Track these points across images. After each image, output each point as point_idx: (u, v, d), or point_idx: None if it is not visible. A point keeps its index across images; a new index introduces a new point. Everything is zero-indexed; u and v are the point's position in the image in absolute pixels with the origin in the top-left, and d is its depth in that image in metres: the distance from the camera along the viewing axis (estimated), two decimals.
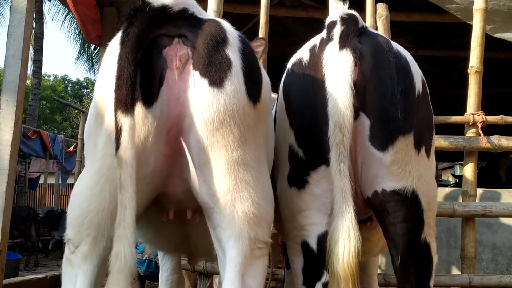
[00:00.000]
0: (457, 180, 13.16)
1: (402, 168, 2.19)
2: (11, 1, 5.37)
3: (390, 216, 2.23)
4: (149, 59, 1.90)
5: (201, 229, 2.23)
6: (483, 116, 4.16)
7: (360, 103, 2.17)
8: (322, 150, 2.20)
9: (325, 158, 2.19)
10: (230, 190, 1.95)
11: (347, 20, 2.21)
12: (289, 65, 2.43)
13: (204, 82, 1.89)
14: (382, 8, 4.51)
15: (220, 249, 2.02)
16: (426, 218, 2.26)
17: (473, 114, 4.21)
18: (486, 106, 4.42)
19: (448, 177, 22.23)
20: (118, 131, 1.79)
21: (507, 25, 5.44)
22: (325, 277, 2.22)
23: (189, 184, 2.02)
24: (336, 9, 2.29)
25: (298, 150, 2.30)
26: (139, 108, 1.87)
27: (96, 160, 1.98)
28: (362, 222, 2.47)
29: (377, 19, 4.56)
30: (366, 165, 2.22)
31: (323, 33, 2.31)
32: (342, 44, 2.14)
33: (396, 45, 2.32)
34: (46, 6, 21.36)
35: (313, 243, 2.27)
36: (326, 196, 2.25)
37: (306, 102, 2.26)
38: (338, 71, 2.11)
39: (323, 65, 2.20)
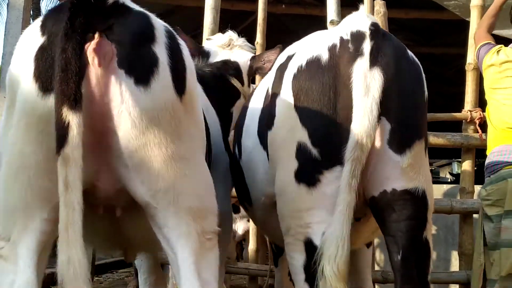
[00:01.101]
0: (454, 178, 13.16)
1: (416, 170, 2.27)
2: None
3: (394, 214, 2.27)
4: (71, 54, 1.74)
5: (132, 224, 2.19)
6: (481, 112, 4.17)
7: (383, 107, 2.20)
8: (339, 152, 2.22)
9: (341, 159, 2.22)
10: (171, 187, 1.91)
11: (375, 34, 2.22)
12: (301, 61, 2.38)
13: (130, 80, 1.81)
14: (380, 5, 4.51)
15: (170, 248, 1.98)
16: (428, 216, 2.34)
17: (470, 111, 4.23)
18: (485, 103, 4.43)
19: (445, 174, 22.24)
20: (64, 128, 1.68)
21: (505, 22, 5.43)
22: None
23: (122, 184, 1.94)
24: (360, 15, 2.32)
25: (311, 148, 2.29)
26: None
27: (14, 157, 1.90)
28: (357, 220, 2.49)
29: (375, 16, 4.55)
30: (380, 166, 2.26)
31: (343, 33, 2.30)
32: (373, 62, 2.18)
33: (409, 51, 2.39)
34: (43, 3, 21.29)
35: (317, 241, 2.27)
36: (334, 195, 2.26)
37: (325, 103, 2.25)
38: (369, 91, 2.15)
39: (350, 76, 2.20)
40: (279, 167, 2.45)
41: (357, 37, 2.25)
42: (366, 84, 2.15)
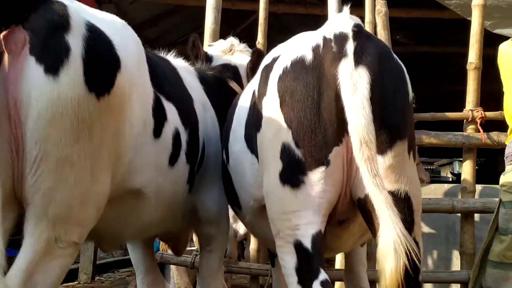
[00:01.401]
0: (455, 178, 13.18)
1: (398, 171, 2.24)
2: None
3: None
4: None
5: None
6: (482, 112, 4.18)
7: None
8: (323, 152, 2.22)
9: (325, 159, 2.22)
10: (46, 190, 1.85)
11: (358, 35, 2.22)
12: (286, 62, 2.38)
13: (39, 68, 1.78)
14: (381, 4, 4.51)
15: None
16: (416, 218, 2.32)
17: (472, 110, 4.23)
18: (487, 102, 4.44)
19: (446, 173, 22.26)
20: None
21: (507, 21, 5.44)
22: (322, 276, 2.22)
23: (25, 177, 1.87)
24: (343, 16, 2.31)
25: (295, 149, 2.28)
26: None
27: None
28: (340, 223, 2.50)
29: (376, 16, 4.56)
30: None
31: (326, 33, 2.29)
32: (358, 61, 2.17)
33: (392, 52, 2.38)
34: None
35: (307, 243, 2.26)
36: (322, 197, 2.26)
37: (309, 103, 2.25)
38: (357, 88, 2.13)
39: (335, 76, 2.19)
40: (266, 169, 2.45)
41: (340, 38, 2.24)
42: (353, 83, 2.14)
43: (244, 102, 2.90)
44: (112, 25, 2.10)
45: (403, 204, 2.25)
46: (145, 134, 2.38)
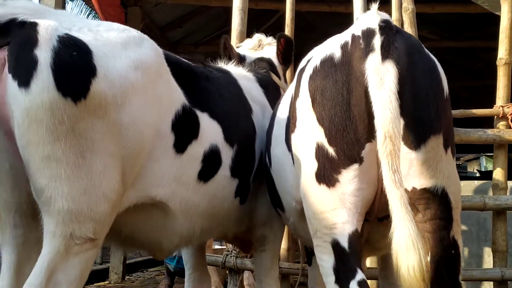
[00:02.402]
0: (481, 175, 13.01)
1: (433, 166, 2.22)
2: (38, 2, 5.45)
3: (419, 214, 2.24)
4: None
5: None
6: None
7: None
8: (356, 149, 2.22)
9: (358, 157, 2.22)
10: (46, 187, 2.00)
11: (385, 29, 2.22)
12: (316, 61, 2.40)
13: (14, 83, 1.95)
14: (407, 1, 4.48)
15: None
16: (454, 215, 2.29)
17: (502, 106, 4.17)
18: None
19: (473, 169, 21.98)
20: None
21: None
22: (359, 275, 2.23)
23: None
24: (371, 13, 2.31)
25: (328, 148, 2.30)
26: None
27: None
28: (380, 220, 2.49)
29: (402, 13, 4.52)
30: None
31: (355, 31, 2.30)
32: (385, 56, 2.16)
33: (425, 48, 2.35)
34: (68, 6, 21.61)
35: (344, 242, 2.26)
36: (357, 195, 2.26)
37: (339, 101, 2.26)
38: (384, 83, 2.12)
39: (363, 72, 2.19)
40: (302, 169, 2.46)
41: (368, 34, 2.24)
42: (380, 77, 2.13)
43: (284, 105, 2.92)
44: (103, 37, 2.20)
45: (439, 200, 2.23)
46: (161, 145, 2.44)
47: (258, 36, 4.23)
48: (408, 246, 2.01)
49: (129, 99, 2.19)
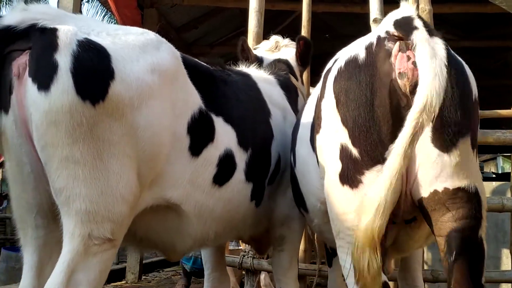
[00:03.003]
0: (496, 176, 12.92)
1: (465, 167, 2.23)
2: (57, 6, 5.52)
3: (449, 213, 2.24)
4: (3, 73, 2.07)
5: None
6: None
7: None
8: (379, 150, 2.22)
9: (381, 158, 2.20)
10: (64, 187, 2.04)
11: (422, 19, 2.23)
12: (341, 63, 2.41)
13: (34, 86, 2.00)
14: (424, 2, 4.46)
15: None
16: (484, 214, 2.29)
17: None
18: None
19: (490, 169, 21.79)
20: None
21: None
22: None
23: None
24: (405, 7, 2.32)
25: (352, 149, 2.30)
26: (0, 117, 2.11)
27: None
28: (408, 222, 2.48)
29: (419, 14, 4.51)
30: (426, 165, 2.23)
31: (380, 32, 2.30)
32: (430, 33, 2.14)
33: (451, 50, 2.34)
34: (84, 7, 21.80)
35: None
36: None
37: (363, 102, 2.25)
38: (437, 53, 2.09)
39: (388, 73, 2.19)
40: (326, 170, 2.47)
41: (404, 21, 2.22)
42: (432, 47, 2.09)
43: (309, 107, 2.94)
44: (121, 40, 2.25)
45: (475, 199, 2.24)
46: (176, 148, 2.47)
47: (275, 38, 4.26)
48: (373, 208, 2.06)
49: (146, 101, 2.22)
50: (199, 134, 2.60)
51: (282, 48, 4.18)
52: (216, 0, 8.41)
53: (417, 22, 2.19)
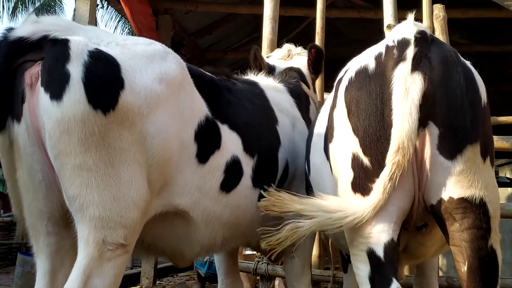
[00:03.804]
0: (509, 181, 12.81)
1: (470, 176, 2.22)
2: (73, 13, 5.59)
3: (456, 223, 2.24)
4: (15, 82, 2.13)
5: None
6: None
7: (429, 111, 2.20)
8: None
9: None
10: (78, 195, 2.09)
11: (420, 41, 2.25)
12: (352, 72, 2.44)
13: (46, 96, 2.05)
14: (439, 9, 4.46)
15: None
16: (492, 224, 2.28)
17: None
18: None
19: (505, 173, 21.59)
20: (9, 138, 2.19)
21: None
22: (394, 285, 2.24)
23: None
24: (407, 23, 2.34)
25: (363, 158, 2.32)
26: (13, 125, 2.16)
27: None
28: (419, 228, 2.49)
29: (434, 20, 4.51)
30: (433, 173, 2.24)
31: (389, 41, 2.33)
32: (415, 67, 2.19)
33: (461, 57, 2.35)
34: (99, 13, 21.96)
35: (379, 251, 2.28)
36: (393, 204, 2.27)
37: (374, 111, 2.28)
38: (408, 93, 2.16)
39: (391, 80, 2.23)
40: (339, 179, 2.49)
41: (402, 44, 2.27)
42: (405, 87, 2.16)
43: (323, 115, 2.96)
44: (130, 50, 2.31)
45: (478, 210, 2.23)
46: (184, 155, 2.52)
47: (287, 46, 4.28)
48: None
49: (154, 110, 2.28)
50: (206, 141, 2.65)
51: (295, 57, 4.21)
52: (229, 6, 8.45)
53: (409, 52, 2.23)
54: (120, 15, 16.89)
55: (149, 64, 2.34)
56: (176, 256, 2.90)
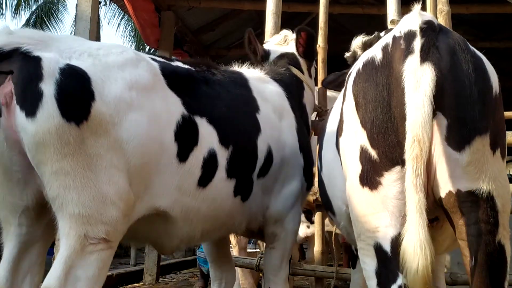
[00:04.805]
0: None
1: (478, 168, 2.17)
2: (76, 10, 5.58)
3: (464, 217, 2.20)
4: None
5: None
6: None
7: (437, 102, 2.14)
8: (397, 151, 2.21)
9: (400, 159, 2.20)
10: (57, 196, 2.23)
11: (427, 31, 2.21)
12: (359, 64, 2.41)
13: (22, 113, 2.18)
14: (442, 3, 4.43)
15: None
16: (501, 219, 2.23)
17: None
18: None
19: (509, 171, 21.51)
20: None
21: None
22: (400, 280, 2.21)
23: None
24: (413, 14, 2.30)
25: (371, 150, 2.29)
26: None
27: None
28: (430, 222, 2.46)
29: (437, 15, 4.48)
30: (441, 165, 2.20)
31: (396, 32, 2.31)
32: (424, 58, 2.15)
33: (471, 46, 2.30)
34: (102, 11, 21.97)
35: (386, 246, 2.26)
36: (400, 198, 2.23)
37: (380, 103, 2.25)
38: (419, 86, 2.12)
39: (402, 73, 2.19)
40: (347, 172, 2.47)
41: (409, 35, 2.23)
42: (416, 80, 2.12)
43: (335, 112, 2.94)
44: (101, 62, 2.41)
45: (485, 204, 2.18)
46: (165, 157, 2.58)
47: (284, 32, 4.30)
48: (415, 251, 2.05)
49: (126, 116, 2.39)
50: (185, 140, 2.70)
51: (291, 42, 4.19)
52: (232, 2, 8.43)
53: (416, 43, 2.19)
54: (123, 12, 16.92)
55: (120, 73, 2.45)
56: (157, 247, 3.05)
